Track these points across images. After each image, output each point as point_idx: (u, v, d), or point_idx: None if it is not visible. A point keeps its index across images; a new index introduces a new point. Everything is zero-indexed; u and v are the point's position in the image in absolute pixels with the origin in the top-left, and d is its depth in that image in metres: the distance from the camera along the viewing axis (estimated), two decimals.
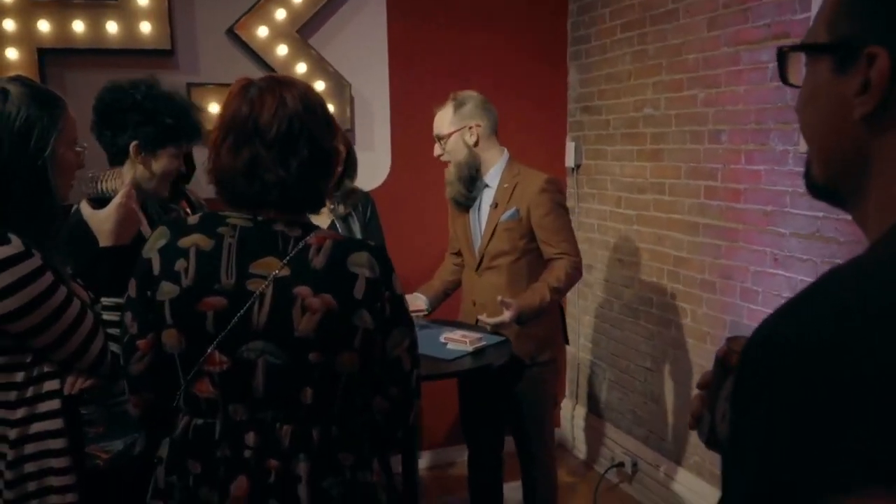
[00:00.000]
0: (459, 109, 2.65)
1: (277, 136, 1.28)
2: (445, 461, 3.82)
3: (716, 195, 2.94)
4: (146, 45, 3.03)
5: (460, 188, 2.67)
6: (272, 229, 1.32)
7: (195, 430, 1.33)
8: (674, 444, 3.29)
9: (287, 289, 1.28)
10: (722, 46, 2.85)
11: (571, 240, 2.63)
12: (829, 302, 0.52)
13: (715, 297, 2.97)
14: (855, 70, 0.59)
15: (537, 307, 2.52)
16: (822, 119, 0.64)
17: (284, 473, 1.30)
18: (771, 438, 0.51)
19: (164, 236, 1.34)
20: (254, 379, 1.29)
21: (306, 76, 3.28)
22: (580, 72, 3.82)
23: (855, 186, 0.62)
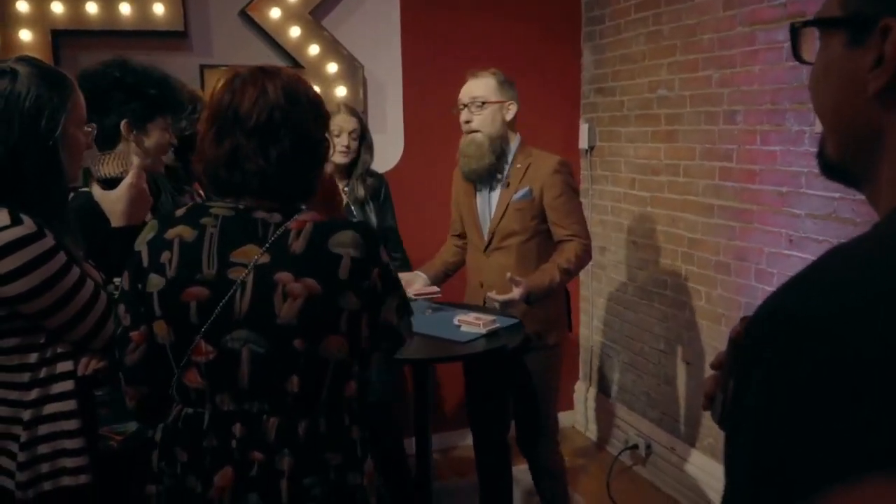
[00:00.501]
0: (503, 84, 2.64)
1: (257, 126, 1.28)
2: (456, 443, 3.84)
3: (731, 176, 2.91)
4: (159, 26, 3.03)
5: (489, 161, 2.61)
6: (252, 217, 1.32)
7: (185, 419, 1.34)
8: (687, 426, 3.29)
9: (268, 276, 1.27)
10: (737, 26, 2.82)
11: (582, 222, 2.62)
12: (834, 280, 0.52)
13: (729, 279, 2.95)
14: (869, 44, 0.58)
15: (546, 287, 2.51)
16: (835, 95, 0.63)
17: (267, 467, 1.29)
18: (769, 419, 0.50)
19: (153, 229, 1.36)
20: (239, 369, 1.28)
21: (319, 58, 3.27)
22: (594, 53, 3.79)
23: (868, 164, 0.61)
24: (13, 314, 1.45)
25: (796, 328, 0.50)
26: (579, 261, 2.57)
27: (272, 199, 1.34)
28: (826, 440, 0.46)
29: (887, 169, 0.59)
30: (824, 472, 0.45)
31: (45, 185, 1.47)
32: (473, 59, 3.61)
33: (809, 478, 0.46)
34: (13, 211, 1.41)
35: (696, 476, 3.19)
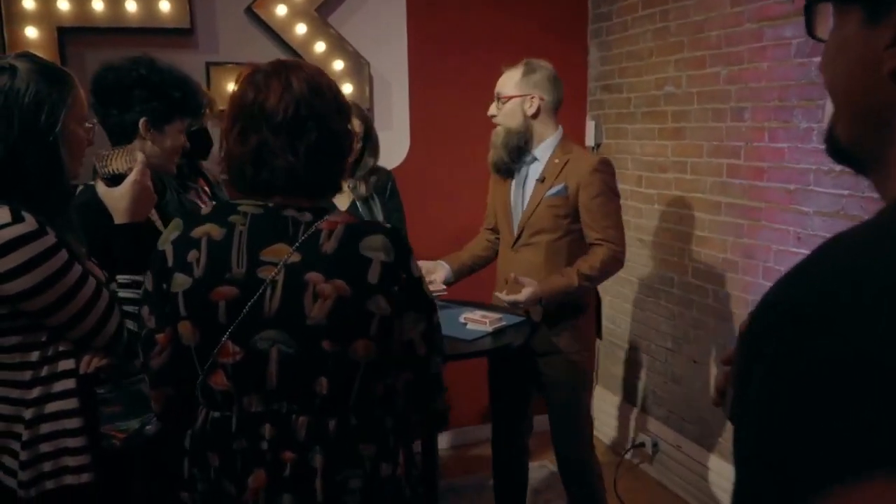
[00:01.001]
0: (528, 76, 2.54)
1: (284, 121, 1.26)
2: (467, 440, 3.84)
3: (738, 173, 2.90)
4: (165, 23, 3.03)
5: (503, 154, 2.55)
6: (282, 215, 1.30)
7: (213, 423, 1.32)
8: (694, 424, 3.27)
9: (298, 275, 1.25)
10: (745, 22, 2.80)
11: (617, 227, 2.49)
12: (837, 271, 0.50)
13: (737, 277, 2.94)
14: (886, 22, 0.56)
15: (561, 291, 2.43)
16: (849, 74, 0.62)
17: (300, 466, 1.27)
18: (770, 415, 0.49)
19: (177, 228, 1.33)
20: (267, 369, 1.26)
21: (325, 55, 3.27)
22: (601, 49, 3.78)
23: (878, 146, 0.60)
24: (14, 312, 1.44)
25: (798, 322, 0.49)
26: (604, 267, 2.45)
27: (301, 194, 1.32)
28: (826, 439, 0.45)
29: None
30: (823, 472, 0.44)
31: (46, 181, 1.46)
32: (479, 55, 3.61)
33: (809, 477, 0.45)
34: (14, 208, 1.41)
35: (703, 474, 3.18)
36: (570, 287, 2.42)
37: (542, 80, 2.53)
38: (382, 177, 2.95)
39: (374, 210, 2.87)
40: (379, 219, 2.86)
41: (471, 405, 3.82)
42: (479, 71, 3.62)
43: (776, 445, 0.48)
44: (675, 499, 3.30)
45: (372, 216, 2.86)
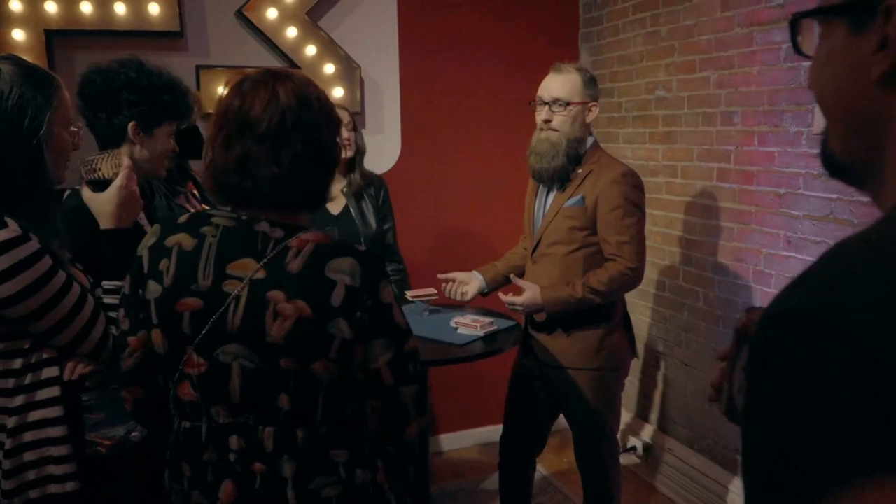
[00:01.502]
0: (590, 84, 2.43)
1: (269, 130, 1.24)
2: (458, 445, 3.83)
3: (728, 177, 2.90)
4: (155, 26, 3.01)
5: (564, 163, 2.40)
6: (254, 229, 1.28)
7: (185, 434, 1.32)
8: (686, 427, 3.27)
9: (261, 292, 1.23)
10: (735, 27, 2.81)
11: (634, 243, 2.34)
12: (844, 278, 0.50)
13: (727, 280, 2.94)
14: (872, 28, 0.56)
15: (563, 300, 2.35)
16: (838, 84, 0.61)
17: (270, 477, 1.26)
18: (782, 427, 0.49)
19: (155, 234, 1.33)
20: (230, 383, 1.25)
21: (316, 59, 3.26)
22: (592, 54, 3.78)
23: (873, 156, 0.59)
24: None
25: (805, 330, 0.49)
26: (613, 283, 2.34)
27: (283, 206, 1.30)
28: (836, 443, 0.45)
29: (893, 159, 0.58)
30: (833, 476, 0.44)
31: (31, 186, 1.44)
32: (471, 59, 3.62)
33: (819, 481, 0.45)
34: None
35: (694, 478, 3.18)
36: (573, 298, 2.34)
37: (595, 88, 2.46)
38: (375, 182, 2.94)
39: (366, 213, 2.86)
40: (371, 223, 2.86)
41: (461, 410, 3.81)
42: (470, 75, 3.63)
43: (788, 452, 0.48)
44: (667, 502, 3.30)
45: (364, 220, 2.85)
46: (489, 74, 3.67)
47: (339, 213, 2.83)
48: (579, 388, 2.47)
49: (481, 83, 3.67)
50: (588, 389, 2.46)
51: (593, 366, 2.45)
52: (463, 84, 3.63)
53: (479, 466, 3.65)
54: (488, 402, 3.78)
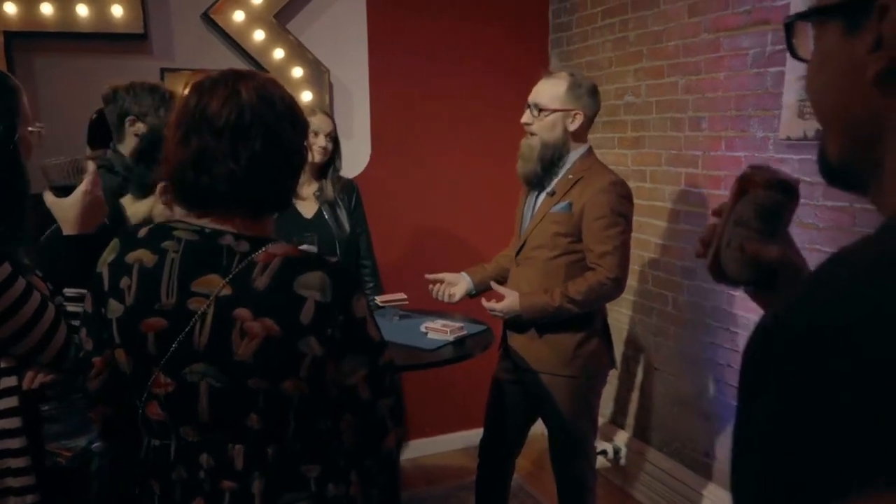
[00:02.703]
0: (575, 90, 2.39)
1: (227, 126, 1.20)
2: (429, 451, 3.81)
3: (696, 182, 2.93)
4: (118, 29, 2.96)
5: (537, 168, 2.41)
6: (218, 243, 1.23)
7: (154, 451, 1.28)
8: (656, 431, 3.29)
9: (228, 310, 1.18)
10: (702, 33, 2.84)
11: (617, 253, 2.32)
12: (841, 289, 0.49)
13: (695, 284, 2.96)
14: (866, 27, 0.55)
15: (540, 308, 2.35)
16: (834, 87, 0.60)
17: (240, 495, 1.23)
18: (776, 433, 0.48)
19: (114, 250, 1.28)
20: (198, 402, 1.21)
21: (284, 62, 3.23)
22: (561, 59, 3.79)
23: (870, 161, 0.58)
24: None
25: (808, 346, 0.47)
26: (592, 293, 2.32)
27: (243, 206, 1.25)
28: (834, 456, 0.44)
29: (892, 162, 0.57)
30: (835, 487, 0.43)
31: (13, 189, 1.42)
32: (441, 64, 3.61)
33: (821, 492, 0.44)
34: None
35: (664, 481, 3.19)
36: (550, 306, 2.33)
37: (585, 95, 2.40)
38: (347, 185, 2.93)
39: (340, 217, 2.85)
40: (345, 226, 2.84)
41: (433, 416, 3.79)
42: (440, 79, 3.63)
43: (785, 472, 0.46)
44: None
45: (338, 223, 2.83)
46: (459, 78, 3.67)
47: (313, 216, 2.81)
48: (555, 393, 2.46)
49: (451, 87, 3.67)
50: (564, 396, 2.46)
51: (569, 372, 2.44)
52: (433, 88, 3.62)
53: (451, 472, 3.63)
54: (460, 407, 3.77)
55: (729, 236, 0.87)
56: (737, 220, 0.86)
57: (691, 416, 3.04)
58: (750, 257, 0.86)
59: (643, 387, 3.35)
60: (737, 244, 0.87)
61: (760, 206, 0.86)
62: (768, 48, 2.54)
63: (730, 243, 0.87)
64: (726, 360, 2.82)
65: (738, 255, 0.87)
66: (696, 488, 3.00)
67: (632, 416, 3.44)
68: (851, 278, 0.49)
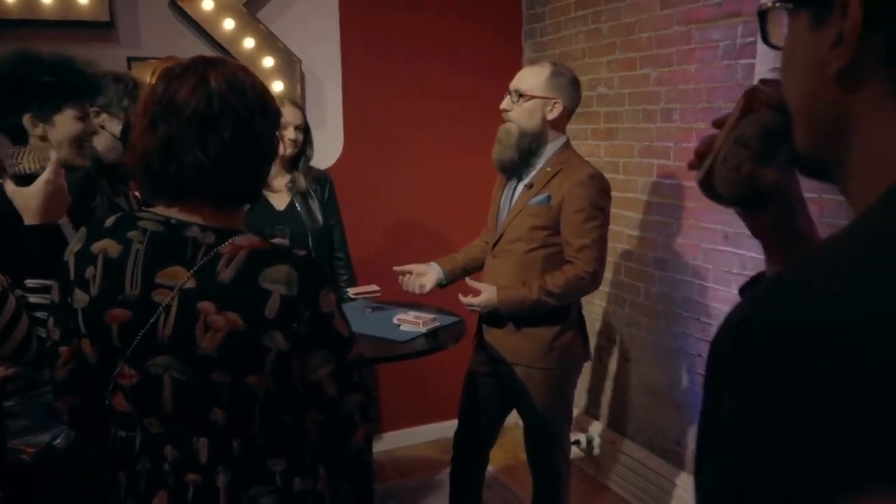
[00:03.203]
0: (556, 78, 2.37)
1: (195, 114, 1.17)
2: (401, 443, 3.80)
3: (668, 174, 2.94)
4: (83, 16, 2.90)
5: (514, 155, 2.39)
6: (183, 235, 1.21)
7: (120, 442, 1.27)
8: (628, 421, 3.31)
9: (192, 303, 1.17)
10: (674, 25, 2.85)
11: (595, 246, 2.32)
12: (814, 286, 0.48)
13: (667, 275, 2.98)
14: (830, 22, 0.55)
15: (517, 301, 2.34)
16: (801, 81, 0.61)
17: (204, 488, 1.21)
18: (749, 430, 0.47)
19: (81, 239, 1.26)
20: (162, 395, 1.20)
21: (254, 51, 3.19)
22: (534, 50, 3.79)
23: (837, 152, 0.58)
24: None
25: (783, 340, 0.46)
26: (570, 287, 2.32)
27: (211, 197, 1.23)
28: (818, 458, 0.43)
29: (858, 158, 0.57)
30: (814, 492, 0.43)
31: None
32: (414, 53, 3.59)
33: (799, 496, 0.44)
34: None
35: (637, 471, 3.22)
36: (528, 299, 2.33)
37: (566, 85, 2.39)
38: (320, 177, 2.91)
39: (312, 209, 2.83)
40: (318, 218, 2.82)
41: (405, 408, 3.79)
42: (413, 69, 3.60)
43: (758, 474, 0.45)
44: (609, 494, 3.33)
45: (311, 215, 2.81)
46: (432, 69, 3.65)
47: (285, 208, 2.79)
48: (531, 386, 2.46)
49: (424, 77, 3.65)
50: (539, 388, 2.46)
51: (545, 365, 2.44)
52: (406, 78, 3.60)
53: (424, 464, 3.63)
54: (433, 399, 3.77)
55: (726, 153, 0.83)
56: (738, 137, 0.81)
57: (664, 405, 3.07)
58: (744, 178, 0.82)
59: (616, 377, 3.37)
60: (733, 163, 0.82)
61: (765, 127, 0.80)
62: (739, 40, 2.55)
63: (726, 161, 0.83)
64: (697, 351, 2.85)
65: (733, 175, 0.83)
66: (668, 477, 3.03)
67: (605, 406, 3.46)
68: (835, 276, 0.48)
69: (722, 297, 2.70)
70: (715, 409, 0.51)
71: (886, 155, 0.54)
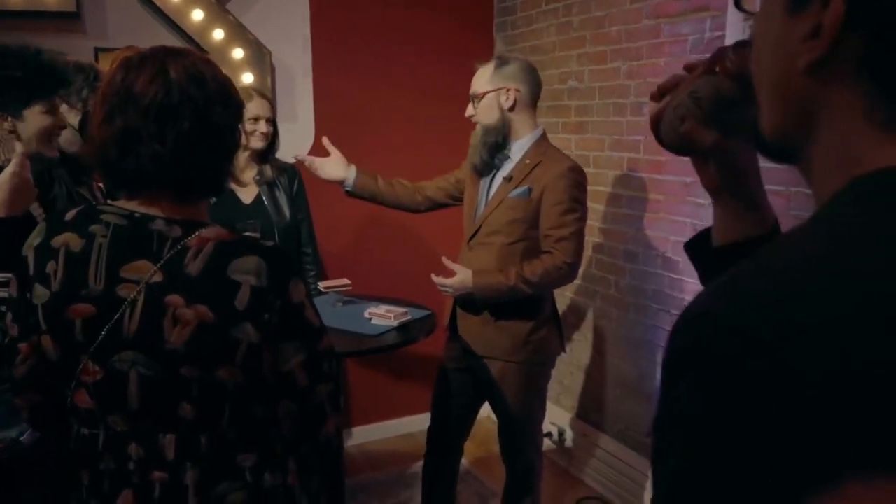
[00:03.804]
0: (500, 69, 2.39)
1: (153, 104, 1.15)
2: (373, 437, 3.80)
3: (638, 167, 2.96)
4: (49, 6, 2.86)
5: (482, 153, 2.41)
6: (148, 228, 1.20)
7: (82, 440, 1.25)
8: (600, 413, 3.34)
9: (159, 297, 1.15)
10: (643, 19, 2.86)
11: (573, 238, 2.32)
12: (771, 282, 0.48)
13: (637, 268, 3.00)
14: (808, 12, 0.54)
15: (494, 287, 2.33)
16: (771, 65, 0.59)
17: (171, 485, 1.20)
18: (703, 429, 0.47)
19: (40, 233, 1.23)
20: (128, 391, 1.18)
21: (224, 43, 3.15)
22: (506, 43, 3.79)
23: (801, 143, 0.58)
24: None
25: (737, 336, 0.46)
26: (547, 276, 2.31)
27: (170, 189, 1.21)
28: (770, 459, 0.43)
29: (822, 152, 0.56)
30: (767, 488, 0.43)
31: None
32: (386, 46, 3.57)
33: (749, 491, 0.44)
34: None
35: (608, 462, 3.24)
36: (504, 286, 2.32)
37: (516, 72, 2.40)
38: (289, 171, 2.88)
39: (279, 202, 2.81)
40: (285, 212, 2.80)
41: (377, 402, 3.78)
42: (385, 62, 3.59)
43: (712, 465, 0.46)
44: (584, 487, 3.36)
45: (277, 208, 2.79)
46: (405, 62, 3.64)
47: (252, 202, 2.76)
48: (505, 379, 2.46)
49: (396, 70, 3.64)
50: (514, 381, 2.46)
51: (520, 358, 2.44)
52: (378, 71, 3.59)
53: (396, 458, 3.63)
54: (405, 392, 3.77)
55: (679, 102, 0.84)
56: (693, 91, 0.82)
57: (634, 398, 3.10)
58: (684, 132, 0.84)
59: (588, 369, 3.39)
60: (679, 114, 0.84)
61: (718, 92, 0.81)
62: (707, 34, 2.57)
63: (677, 109, 0.84)
64: None
65: (676, 124, 0.84)
66: (639, 469, 3.06)
67: (576, 398, 3.48)
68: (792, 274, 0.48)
69: (692, 289, 2.73)
70: (672, 403, 0.51)
71: (850, 152, 0.53)
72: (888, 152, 0.51)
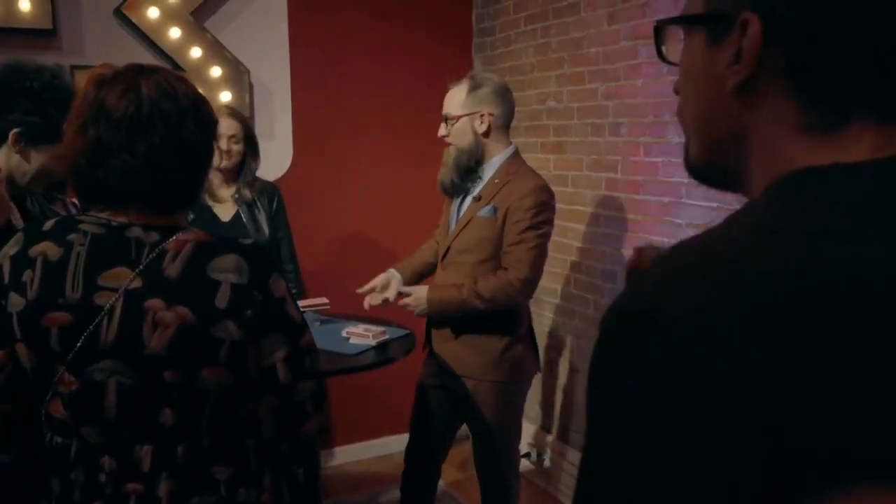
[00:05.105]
0: (474, 92, 2.38)
1: (123, 118, 1.17)
2: (351, 458, 3.76)
3: (616, 187, 2.98)
4: (25, 23, 2.82)
5: (453, 175, 2.41)
6: (126, 235, 1.20)
7: (55, 448, 1.24)
8: (578, 433, 3.33)
9: (138, 302, 1.16)
10: (621, 40, 2.90)
11: (529, 259, 2.31)
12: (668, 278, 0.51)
13: (616, 287, 3.01)
14: (729, 40, 0.57)
15: (447, 302, 2.35)
16: (698, 96, 0.62)
17: (145, 498, 1.18)
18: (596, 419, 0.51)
19: (17, 243, 1.24)
20: (104, 401, 1.17)
21: (201, 61, 3.14)
22: (485, 63, 3.82)
23: (738, 162, 0.60)
24: None
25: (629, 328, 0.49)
26: (499, 292, 2.31)
27: (140, 202, 1.21)
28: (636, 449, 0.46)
29: (757, 165, 0.58)
30: None
31: None
32: (365, 65, 3.58)
33: None
34: None
35: None
36: (456, 299, 2.33)
37: (489, 95, 2.39)
38: (268, 190, 2.87)
39: (259, 220, 2.79)
40: (264, 229, 2.78)
41: (356, 421, 3.75)
42: (364, 82, 3.60)
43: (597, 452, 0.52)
44: None
45: (256, 226, 2.77)
46: (384, 81, 3.65)
47: (230, 219, 2.74)
48: (481, 398, 2.45)
49: (376, 90, 3.64)
50: (489, 400, 2.45)
51: (495, 377, 2.43)
52: (357, 90, 3.59)
53: (375, 478, 3.60)
54: (384, 412, 3.74)
55: None
56: None
57: None
58: None
59: (566, 389, 3.39)
60: None
61: None
62: None
63: None
64: None
65: None
66: None
67: (555, 418, 3.48)
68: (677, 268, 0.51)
69: None
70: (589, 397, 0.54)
71: (783, 159, 0.56)
72: (818, 154, 0.54)
